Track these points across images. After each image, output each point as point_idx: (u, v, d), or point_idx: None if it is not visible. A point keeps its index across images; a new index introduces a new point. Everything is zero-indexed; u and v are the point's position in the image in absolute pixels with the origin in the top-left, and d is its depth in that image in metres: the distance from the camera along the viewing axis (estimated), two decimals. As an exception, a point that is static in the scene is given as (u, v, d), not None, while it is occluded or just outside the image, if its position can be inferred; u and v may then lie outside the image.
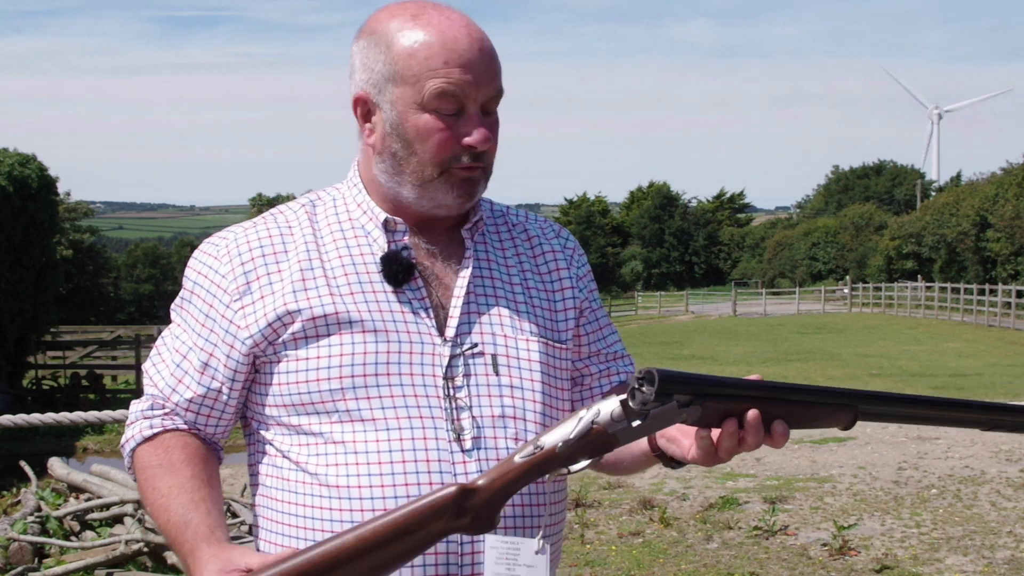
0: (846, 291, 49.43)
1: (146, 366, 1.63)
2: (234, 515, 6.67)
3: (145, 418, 1.59)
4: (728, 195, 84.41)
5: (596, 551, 6.75)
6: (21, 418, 4.12)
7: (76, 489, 7.71)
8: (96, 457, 12.91)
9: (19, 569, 6.14)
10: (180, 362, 1.59)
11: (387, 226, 1.58)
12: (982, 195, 43.00)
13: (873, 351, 23.59)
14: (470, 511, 1.36)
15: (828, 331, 31.39)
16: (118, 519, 6.90)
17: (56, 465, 8.09)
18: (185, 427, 1.59)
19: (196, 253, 1.62)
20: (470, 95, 1.50)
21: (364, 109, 1.57)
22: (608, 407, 1.37)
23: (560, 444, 1.37)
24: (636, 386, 1.34)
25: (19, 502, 7.74)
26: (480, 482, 1.38)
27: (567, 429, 1.37)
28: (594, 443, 1.37)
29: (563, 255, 1.71)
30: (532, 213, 1.77)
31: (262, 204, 69.00)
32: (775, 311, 45.09)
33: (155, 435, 1.58)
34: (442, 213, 1.58)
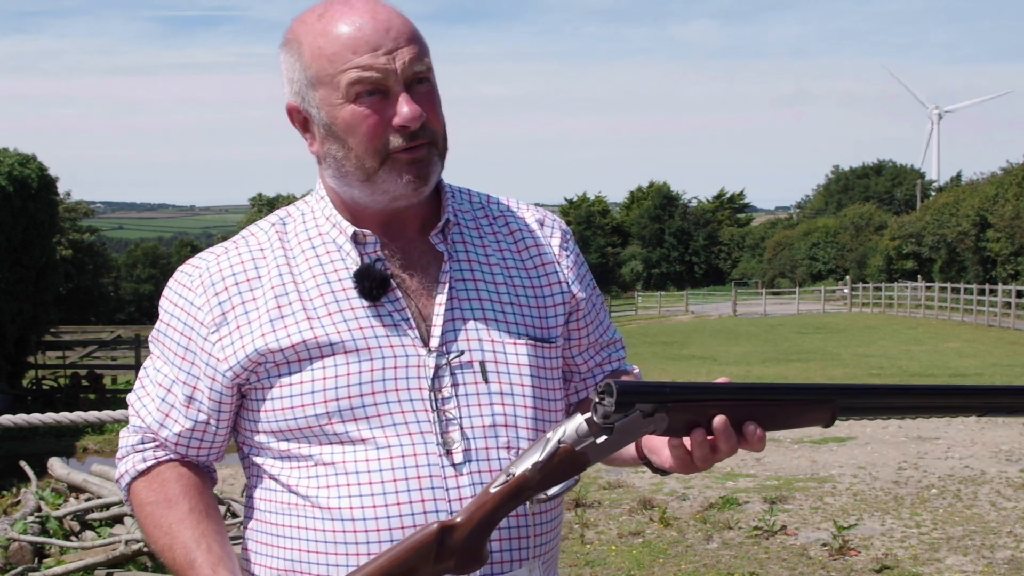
0: (846, 291, 49.41)
1: (131, 398, 1.62)
2: (234, 515, 6.67)
3: (136, 451, 1.59)
4: (728, 195, 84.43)
5: (596, 551, 6.75)
6: (21, 418, 4.11)
7: (76, 489, 7.72)
8: (96, 457, 12.91)
9: (19, 569, 6.14)
10: (165, 396, 1.57)
11: (356, 239, 1.53)
12: (982, 195, 42.97)
13: (873, 351, 23.57)
14: (452, 550, 1.34)
15: (828, 331, 31.37)
16: (118, 519, 6.90)
17: (56, 465, 8.09)
18: (176, 457, 1.58)
19: (170, 282, 1.59)
20: (389, 75, 1.44)
21: (300, 119, 1.53)
22: (573, 425, 1.34)
23: (530, 469, 1.34)
24: (597, 400, 1.31)
25: (19, 502, 7.74)
26: (459, 519, 1.35)
27: (536, 453, 1.35)
28: (565, 463, 1.34)
29: (548, 247, 1.64)
30: (514, 200, 1.69)
31: (262, 204, 68.91)
32: (775, 311, 45.07)
33: (149, 468, 1.57)
34: (402, 204, 1.51)
